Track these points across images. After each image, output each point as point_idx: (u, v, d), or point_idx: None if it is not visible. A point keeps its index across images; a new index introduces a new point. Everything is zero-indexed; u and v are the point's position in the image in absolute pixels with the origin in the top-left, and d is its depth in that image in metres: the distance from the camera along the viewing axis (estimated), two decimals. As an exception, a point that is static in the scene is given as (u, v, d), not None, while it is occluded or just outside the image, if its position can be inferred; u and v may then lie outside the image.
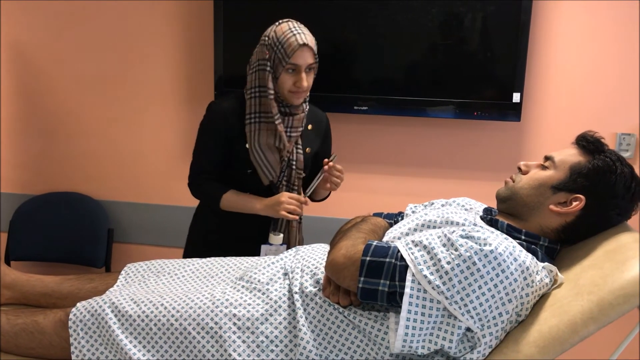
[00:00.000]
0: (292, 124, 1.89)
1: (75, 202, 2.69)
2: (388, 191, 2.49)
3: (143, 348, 1.44)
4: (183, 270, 1.70)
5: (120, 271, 1.75)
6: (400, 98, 2.39)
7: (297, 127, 1.91)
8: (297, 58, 1.80)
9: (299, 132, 1.92)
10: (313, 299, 1.42)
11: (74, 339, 1.48)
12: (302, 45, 1.79)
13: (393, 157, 2.50)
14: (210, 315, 1.43)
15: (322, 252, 1.55)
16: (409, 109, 2.40)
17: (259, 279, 1.51)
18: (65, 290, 1.75)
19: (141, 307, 1.47)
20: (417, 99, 2.39)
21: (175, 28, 2.53)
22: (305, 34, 1.82)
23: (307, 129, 1.98)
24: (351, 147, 2.49)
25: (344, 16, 2.35)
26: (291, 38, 1.79)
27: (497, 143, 2.45)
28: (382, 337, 1.34)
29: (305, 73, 1.82)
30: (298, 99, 1.86)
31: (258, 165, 1.89)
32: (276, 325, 1.42)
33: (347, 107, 2.41)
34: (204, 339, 1.41)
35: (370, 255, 1.30)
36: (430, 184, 2.49)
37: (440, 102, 2.38)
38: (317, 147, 2.03)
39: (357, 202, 2.48)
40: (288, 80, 1.83)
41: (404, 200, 2.41)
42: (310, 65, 1.84)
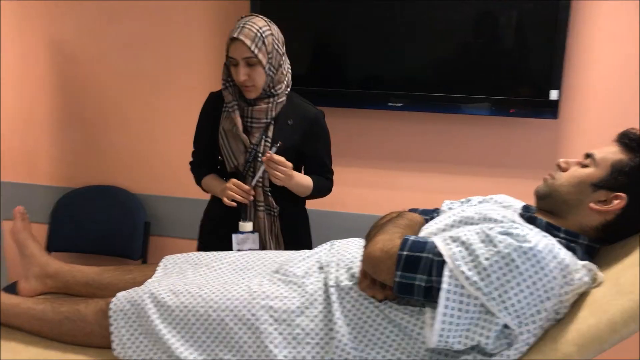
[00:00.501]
0: (252, 114, 1.93)
1: (113, 196, 2.75)
2: (422, 188, 2.48)
3: (182, 338, 1.47)
4: (220, 263, 1.72)
5: (158, 263, 1.79)
6: (435, 95, 2.38)
7: (258, 119, 1.93)
8: (232, 51, 1.85)
9: (262, 123, 1.93)
10: (349, 292, 1.43)
11: (114, 328, 1.52)
12: (233, 39, 1.83)
13: (427, 154, 2.49)
14: (247, 307, 1.45)
15: (357, 247, 1.56)
16: (444, 106, 2.39)
17: (295, 272, 1.53)
18: (105, 280, 1.79)
19: (180, 297, 1.50)
20: (452, 95, 2.38)
21: (212, 25, 2.56)
22: (241, 28, 1.83)
23: (286, 123, 1.97)
24: (385, 144, 2.50)
25: (379, 12, 2.35)
26: (232, 32, 1.86)
27: (532, 141, 2.43)
28: (418, 332, 1.34)
29: (245, 67, 1.84)
30: (247, 92, 1.90)
31: (223, 150, 1.98)
32: (312, 318, 1.43)
33: (381, 104, 2.42)
34: (240, 330, 1.43)
35: (408, 250, 1.30)
36: (464, 182, 2.47)
37: (476, 99, 2.36)
38: (296, 144, 1.97)
39: (390, 199, 2.48)
40: (234, 73, 1.89)
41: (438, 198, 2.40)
42: (248, 59, 1.84)
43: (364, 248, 1.45)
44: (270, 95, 1.92)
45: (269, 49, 1.87)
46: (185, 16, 2.58)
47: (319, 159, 2.04)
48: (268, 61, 1.87)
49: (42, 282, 1.82)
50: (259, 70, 1.86)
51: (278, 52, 1.90)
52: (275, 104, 1.93)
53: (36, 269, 1.82)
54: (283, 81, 1.95)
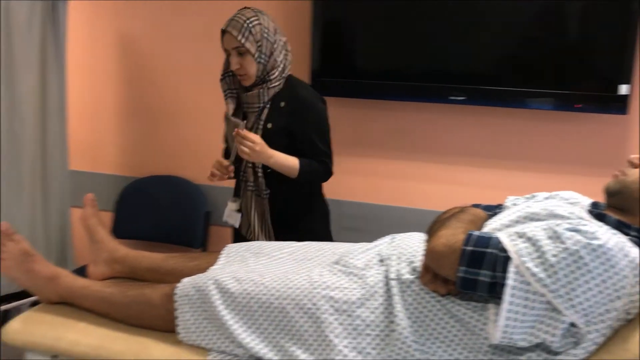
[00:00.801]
0: (247, 99, 2.02)
1: (175, 186, 2.83)
2: (483, 184, 2.45)
3: (244, 324, 1.50)
4: (280, 252, 1.75)
5: (221, 251, 1.83)
6: (498, 88, 2.34)
7: (252, 103, 2.02)
8: (224, 43, 1.98)
9: (255, 107, 2.02)
10: (410, 286, 1.43)
11: (179, 312, 1.57)
12: (223, 32, 1.96)
13: (489, 149, 2.45)
14: (308, 296, 1.47)
15: (418, 241, 1.56)
16: (507, 100, 2.35)
17: (355, 264, 1.54)
18: (169, 267, 1.85)
19: (242, 285, 1.53)
20: (515, 89, 2.33)
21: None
22: (230, 21, 1.95)
23: (279, 106, 2.02)
24: (445, 138, 2.47)
25: (442, 4, 2.32)
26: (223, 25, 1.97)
27: (599, 137, 2.35)
28: (481, 327, 1.33)
29: (236, 57, 1.95)
30: (242, 80, 2.00)
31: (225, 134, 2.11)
32: (372, 310, 1.44)
33: (442, 97, 2.39)
34: (302, 319, 1.45)
35: (472, 245, 1.29)
36: (527, 178, 2.42)
37: (540, 93, 2.31)
38: (286, 125, 2.02)
39: (450, 194, 2.45)
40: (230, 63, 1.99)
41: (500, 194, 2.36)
42: (237, 48, 1.94)
43: (426, 242, 1.45)
44: (264, 81, 2.00)
45: (257, 38, 1.95)
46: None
47: (310, 141, 2.04)
48: (257, 49, 1.95)
49: (110, 267, 1.89)
50: (249, 59, 1.95)
51: (268, 40, 1.97)
52: (267, 89, 2.00)
53: (105, 254, 1.89)
54: (277, 67, 2.01)
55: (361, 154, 2.55)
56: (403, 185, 2.51)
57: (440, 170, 2.47)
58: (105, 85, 2.93)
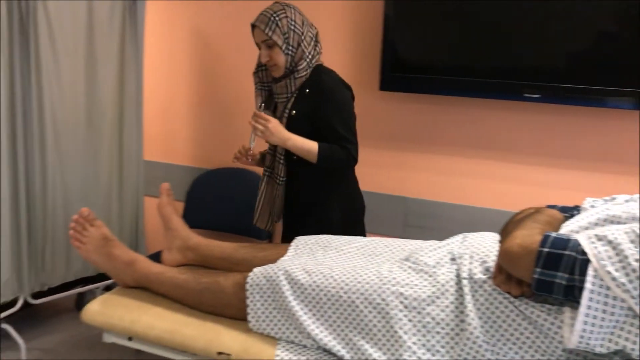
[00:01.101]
0: (276, 90, 2.09)
1: (244, 178, 2.88)
2: (557, 185, 2.37)
3: (313, 316, 1.52)
4: (349, 247, 1.76)
5: (290, 243, 1.86)
6: (575, 86, 2.26)
7: (280, 94, 2.08)
8: (254, 37, 2.05)
9: (284, 97, 2.07)
10: (482, 286, 1.41)
11: (250, 301, 1.60)
12: (252, 26, 2.02)
13: (564, 149, 2.38)
14: (378, 291, 1.47)
15: (492, 240, 1.53)
16: (584, 99, 2.26)
17: (426, 261, 1.53)
18: (239, 256, 1.89)
19: (312, 277, 1.55)
20: (593, 87, 2.24)
21: (344, 12, 2.60)
22: (259, 15, 2.01)
23: (304, 93, 2.06)
24: (518, 136, 2.41)
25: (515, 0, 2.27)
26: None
27: (684, 139, 2.24)
28: (556, 330, 1.30)
29: (265, 49, 2.02)
30: (272, 72, 2.07)
31: None
32: (443, 308, 1.43)
33: (515, 95, 2.33)
34: (370, 314, 1.46)
35: (549, 247, 1.26)
36: (605, 180, 2.33)
37: (619, 91, 2.21)
38: (309, 111, 2.04)
39: (523, 194, 2.39)
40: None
41: (576, 196, 2.30)
42: (265, 41, 2.00)
43: (500, 242, 1.42)
44: (292, 71, 2.04)
45: (284, 30, 1.99)
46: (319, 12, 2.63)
47: (330, 126, 2.02)
48: (284, 41, 2.00)
49: (183, 254, 1.96)
50: (277, 51, 2.01)
51: (295, 32, 2.01)
52: (294, 79, 2.05)
53: (178, 241, 1.96)
54: (305, 58, 2.04)
55: (430, 151, 2.53)
56: (472, 184, 2.47)
57: (512, 170, 2.42)
58: (178, 79, 3.02)
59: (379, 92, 2.56)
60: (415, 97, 2.52)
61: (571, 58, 2.29)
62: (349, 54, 2.62)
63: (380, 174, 2.62)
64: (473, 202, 2.47)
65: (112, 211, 2.75)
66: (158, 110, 3.10)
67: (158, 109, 3.10)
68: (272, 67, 2.05)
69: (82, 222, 1.79)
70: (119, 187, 2.76)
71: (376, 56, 2.55)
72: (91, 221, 1.81)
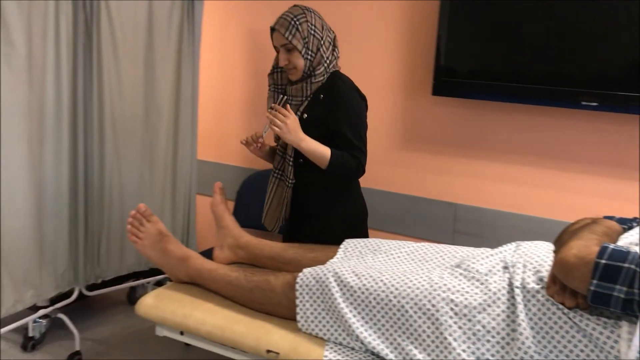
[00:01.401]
0: (291, 92, 2.09)
1: (293, 179, 2.91)
2: (615, 196, 2.31)
3: (362, 319, 1.53)
4: (398, 251, 1.76)
5: (339, 245, 1.87)
6: (635, 95, 2.19)
7: (295, 96, 2.09)
8: (273, 40, 2.06)
9: (298, 100, 2.08)
10: (535, 295, 1.39)
11: (300, 301, 1.62)
12: (272, 29, 2.04)
13: (622, 158, 2.31)
14: (428, 297, 1.47)
15: (546, 250, 1.51)
16: (645, 108, 2.20)
17: (477, 268, 1.52)
18: (289, 256, 1.92)
19: (362, 280, 1.56)
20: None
21: (399, 16, 2.60)
22: (278, 19, 2.02)
23: (318, 98, 2.06)
24: (574, 145, 2.36)
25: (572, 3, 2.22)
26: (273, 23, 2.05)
27: None
28: (612, 345, 1.27)
29: (284, 53, 2.03)
30: (290, 75, 2.08)
31: None
32: (494, 316, 1.41)
33: (572, 102, 2.28)
34: (420, 319, 1.46)
35: (607, 259, 1.23)
36: (664, 192, 2.26)
37: (683, 102, 2.14)
38: (322, 116, 2.04)
39: (576, 204, 2.34)
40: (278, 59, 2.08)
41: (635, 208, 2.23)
42: (285, 45, 2.01)
43: (555, 252, 1.40)
44: (309, 75, 2.05)
45: (304, 35, 2.00)
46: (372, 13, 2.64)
47: (342, 134, 2.01)
48: (304, 46, 2.01)
49: (234, 252, 2.00)
50: (296, 55, 2.02)
51: (315, 37, 2.02)
52: (311, 83, 2.06)
53: (230, 239, 2.00)
54: (323, 63, 2.05)
55: (481, 157, 2.50)
56: (524, 192, 2.43)
57: (567, 179, 2.36)
58: (232, 80, 3.08)
59: (432, 97, 2.54)
60: (469, 103, 2.50)
61: (631, 65, 2.23)
62: (401, 57, 2.62)
63: (430, 179, 2.60)
64: (525, 210, 2.43)
65: (165, 208, 2.82)
66: (212, 110, 3.16)
67: (212, 109, 3.16)
68: (291, 71, 2.06)
69: (139, 217, 1.85)
70: (173, 185, 2.83)
71: (429, 60, 2.54)
72: (148, 217, 1.87)
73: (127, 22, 2.52)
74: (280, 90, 2.17)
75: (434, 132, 2.58)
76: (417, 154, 2.61)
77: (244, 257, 2.00)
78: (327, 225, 2.11)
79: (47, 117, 2.30)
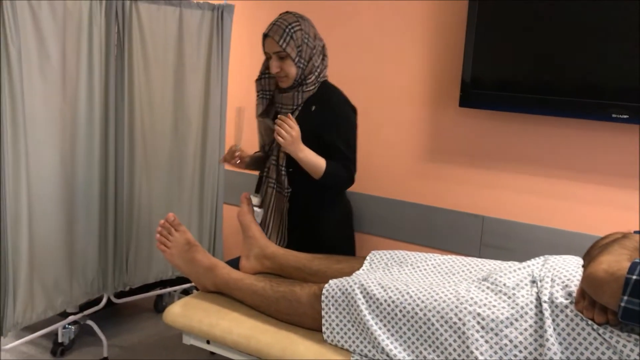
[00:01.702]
0: (282, 100, 2.10)
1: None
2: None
3: (387, 331, 1.53)
4: (425, 264, 1.76)
5: (365, 257, 1.87)
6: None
7: (286, 104, 2.09)
8: (265, 47, 2.06)
9: (289, 109, 2.09)
10: (564, 310, 1.37)
11: (325, 312, 1.63)
12: (265, 36, 2.04)
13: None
14: (455, 310, 1.46)
15: (575, 264, 1.49)
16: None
17: (505, 282, 1.50)
18: (315, 267, 1.92)
19: (388, 292, 1.56)
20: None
21: (426, 29, 2.60)
22: (272, 25, 2.03)
23: (310, 109, 2.07)
24: (605, 158, 2.33)
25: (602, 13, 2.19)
26: (265, 30, 2.05)
27: None
28: (643, 363, 1.25)
29: (277, 60, 2.03)
30: (280, 82, 2.08)
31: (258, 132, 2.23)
32: (521, 331, 1.40)
33: (602, 115, 2.26)
34: (446, 332, 1.45)
35: (638, 274, 1.21)
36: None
37: None
38: (314, 128, 2.05)
39: (609, 218, 2.30)
40: (270, 66, 2.06)
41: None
42: (278, 53, 2.01)
43: (584, 267, 1.38)
44: (301, 84, 2.06)
45: (298, 43, 2.02)
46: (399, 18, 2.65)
47: (334, 145, 2.05)
48: (297, 54, 2.02)
49: (260, 262, 2.01)
50: (289, 62, 2.03)
51: (308, 46, 2.04)
52: (302, 92, 2.07)
53: (256, 249, 2.01)
54: (314, 72, 2.07)
55: (509, 169, 2.48)
56: (552, 205, 2.40)
57: (597, 192, 2.33)
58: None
59: (459, 108, 2.54)
60: (496, 115, 2.49)
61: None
62: (428, 69, 2.62)
63: (457, 191, 2.59)
64: (553, 223, 2.40)
65: (192, 217, 2.85)
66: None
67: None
68: (282, 79, 2.08)
69: (168, 226, 1.88)
70: (200, 194, 2.86)
71: (457, 72, 2.53)
72: (176, 226, 1.89)
73: (157, 33, 2.57)
74: (267, 96, 2.19)
75: (460, 144, 2.56)
76: (444, 166, 2.60)
77: (270, 267, 2.01)
78: (318, 230, 2.16)
79: (79, 127, 2.35)
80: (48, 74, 2.22)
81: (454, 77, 2.55)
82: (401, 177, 2.72)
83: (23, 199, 2.16)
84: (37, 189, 2.23)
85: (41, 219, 2.26)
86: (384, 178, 2.77)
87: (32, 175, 2.20)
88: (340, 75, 2.83)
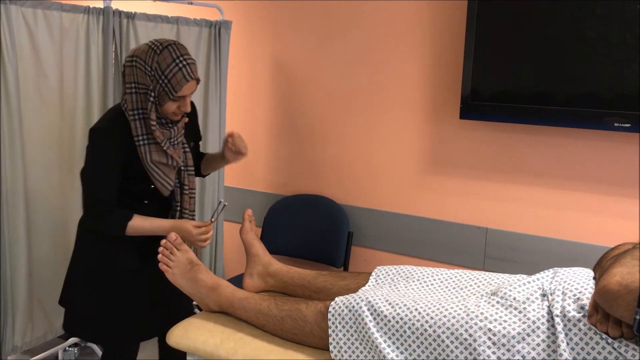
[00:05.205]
0: (177, 132, 1.94)
1: (320, 205, 2.90)
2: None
3: (396, 349, 1.50)
4: (432, 279, 1.73)
5: (371, 272, 1.84)
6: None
7: (180, 133, 1.97)
8: (185, 91, 1.83)
9: (182, 134, 1.97)
10: (576, 324, 1.35)
11: (332, 331, 1.59)
12: (190, 79, 1.82)
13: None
14: (465, 326, 1.43)
15: (585, 276, 1.47)
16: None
17: (515, 296, 1.48)
18: (319, 284, 1.89)
19: (395, 309, 1.53)
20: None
21: (424, 42, 2.59)
22: (190, 65, 1.82)
23: (185, 124, 2.00)
24: (608, 168, 2.32)
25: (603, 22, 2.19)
26: (178, 73, 1.80)
27: None
28: (660, 377, 1.22)
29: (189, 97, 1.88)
30: (178, 116, 1.91)
31: (157, 181, 1.94)
32: (534, 346, 1.37)
33: (604, 124, 2.25)
34: (457, 349, 1.42)
35: (653, 286, 1.19)
36: None
37: None
38: (193, 128, 2.11)
39: (615, 228, 2.28)
40: (172, 106, 1.86)
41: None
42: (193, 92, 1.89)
43: (595, 279, 1.36)
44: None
45: None
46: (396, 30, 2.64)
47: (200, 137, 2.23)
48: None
49: (264, 280, 1.98)
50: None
51: None
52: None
53: (260, 267, 1.98)
54: None
55: (511, 181, 2.47)
56: (556, 215, 2.39)
57: (602, 202, 2.32)
58: (258, 107, 3.09)
59: (459, 120, 2.53)
60: (497, 126, 2.48)
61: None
62: (428, 81, 2.61)
63: (459, 203, 2.57)
64: (556, 234, 2.39)
65: (192, 235, 2.82)
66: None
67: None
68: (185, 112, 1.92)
69: (170, 246, 1.85)
70: (200, 212, 2.84)
71: (456, 84, 2.53)
72: (178, 246, 1.86)
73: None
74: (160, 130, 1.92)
75: (462, 156, 2.55)
76: (445, 178, 2.59)
77: (274, 285, 1.98)
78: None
79: (77, 146, 2.33)
80: (45, 94, 2.20)
81: (454, 89, 2.54)
82: (403, 190, 2.71)
83: (21, 221, 2.13)
84: (32, 208, 2.20)
85: (37, 240, 2.23)
86: (386, 191, 2.76)
87: (30, 195, 2.18)
88: (340, 89, 2.83)
